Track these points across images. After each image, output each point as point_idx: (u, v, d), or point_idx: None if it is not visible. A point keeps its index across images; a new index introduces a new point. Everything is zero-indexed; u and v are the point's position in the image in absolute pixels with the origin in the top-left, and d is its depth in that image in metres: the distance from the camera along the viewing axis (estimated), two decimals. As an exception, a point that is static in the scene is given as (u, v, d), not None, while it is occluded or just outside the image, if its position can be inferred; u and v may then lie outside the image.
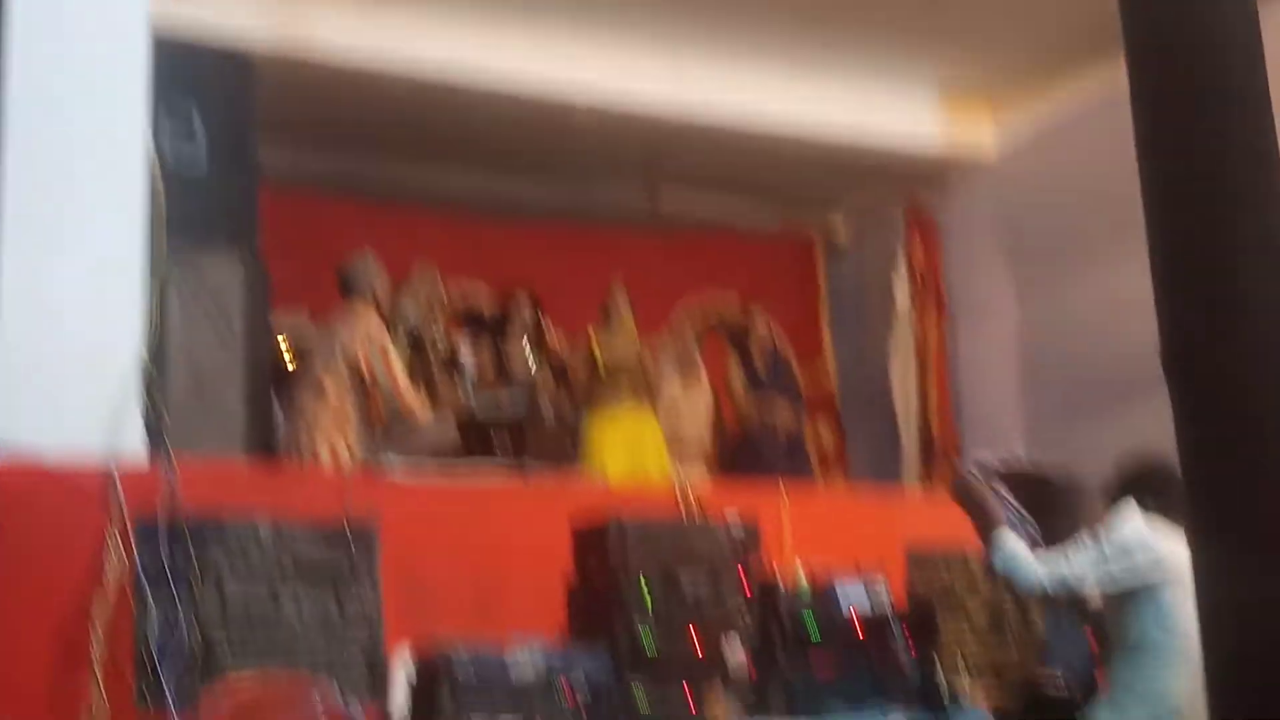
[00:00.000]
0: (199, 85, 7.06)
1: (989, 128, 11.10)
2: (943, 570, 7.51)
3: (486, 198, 11.47)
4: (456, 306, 10.57)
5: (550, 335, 10.09)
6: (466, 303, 10.79)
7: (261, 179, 7.49)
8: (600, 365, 9.33)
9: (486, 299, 10.56)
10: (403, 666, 5.57)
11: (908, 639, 5.50)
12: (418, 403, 7.47)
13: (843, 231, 12.62)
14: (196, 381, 6.76)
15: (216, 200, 7.06)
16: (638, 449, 9.12)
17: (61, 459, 5.78)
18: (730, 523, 5.66)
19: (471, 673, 4.95)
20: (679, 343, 10.23)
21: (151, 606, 5.76)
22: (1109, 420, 8.17)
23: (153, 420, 6.26)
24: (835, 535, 7.05)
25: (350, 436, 7.21)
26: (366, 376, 7.27)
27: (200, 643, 5.82)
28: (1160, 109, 2.69)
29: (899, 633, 5.49)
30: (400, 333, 8.50)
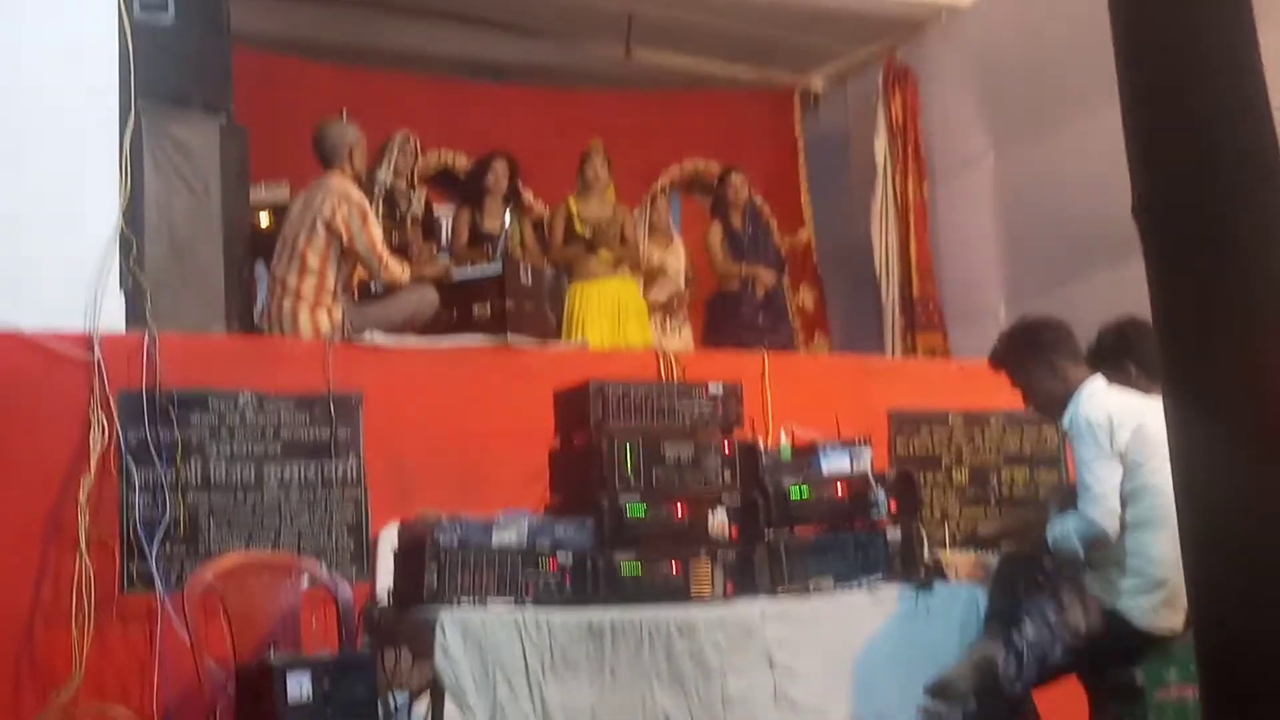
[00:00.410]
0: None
1: (966, -26, 10.99)
2: (925, 433, 7.56)
3: (463, 59, 11.31)
4: (433, 171, 10.49)
5: (528, 199, 10.02)
6: (443, 166, 10.71)
7: (234, 41, 7.38)
8: (579, 229, 9.28)
9: (463, 162, 10.47)
10: (388, 543, 5.59)
11: (890, 505, 5.53)
12: (397, 267, 7.41)
13: (820, 87, 12.51)
14: (175, 248, 6.69)
15: (189, 62, 6.94)
16: (619, 315, 9.10)
17: (41, 329, 5.76)
18: (712, 387, 5.65)
19: (455, 539, 4.96)
20: (652, 210, 10.15)
21: (136, 481, 5.77)
22: (1092, 278, 8.15)
23: (132, 289, 6.23)
24: (817, 399, 7.09)
25: (331, 305, 7.17)
26: (345, 242, 7.21)
27: (185, 518, 5.84)
28: None
29: (882, 499, 5.51)
30: (377, 197, 8.41)
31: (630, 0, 10.34)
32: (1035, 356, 5.37)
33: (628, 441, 5.31)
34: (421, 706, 5.09)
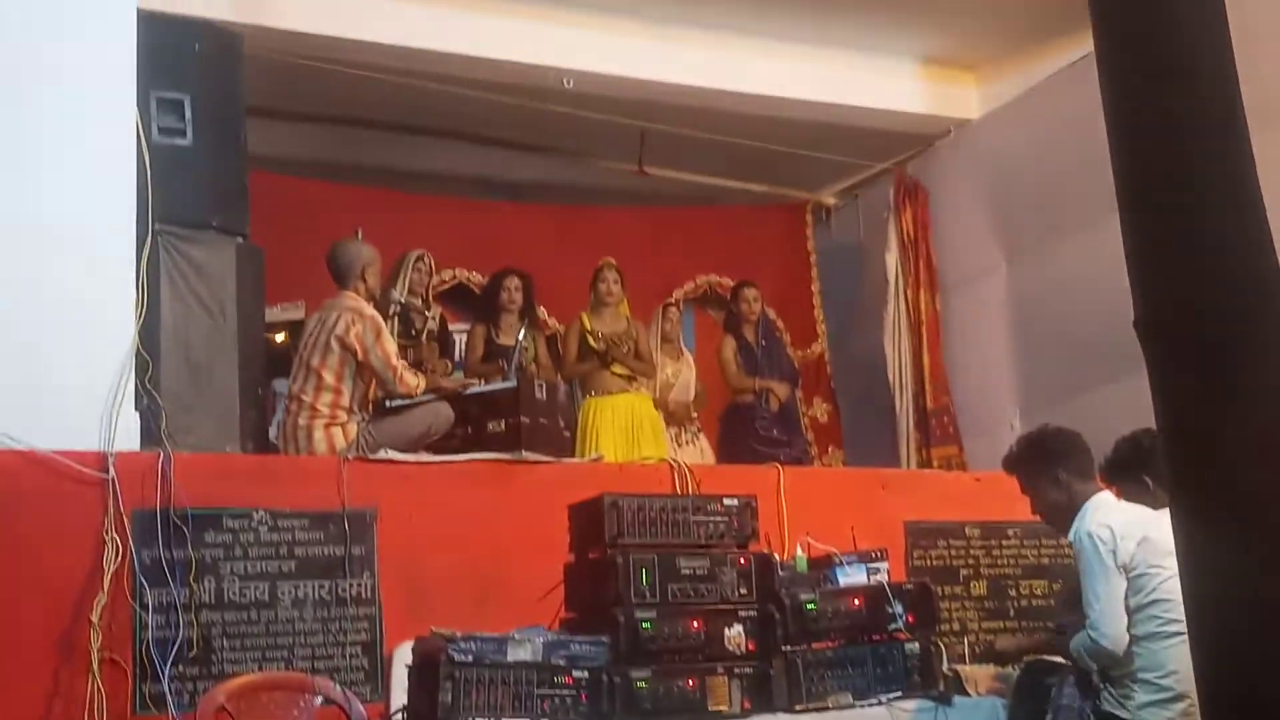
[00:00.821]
0: (187, 67, 7.00)
1: (973, 93, 11.09)
2: (942, 545, 7.52)
3: (476, 178, 11.45)
4: (447, 287, 10.55)
5: (542, 314, 10.07)
6: (458, 284, 10.77)
7: (251, 162, 7.45)
8: (593, 344, 9.31)
9: (479, 279, 10.53)
10: (403, 661, 5.54)
11: (908, 618, 5.49)
12: (412, 379, 7.44)
13: (832, 201, 12.61)
14: (191, 369, 6.72)
15: (207, 185, 7.01)
16: (633, 429, 9.10)
17: (56, 448, 5.76)
18: (727, 500, 5.64)
19: (470, 656, 4.94)
20: (663, 320, 10.20)
21: (149, 600, 5.75)
22: (1106, 389, 8.13)
23: (147, 408, 6.24)
24: (833, 512, 7.05)
25: (346, 421, 7.19)
26: (360, 358, 7.24)
27: (199, 638, 5.81)
28: (1126, 78, 2.69)
29: (899, 612, 5.48)
30: (392, 315, 8.46)
31: (643, 117, 10.44)
32: (1042, 467, 5.37)
33: (643, 555, 5.30)
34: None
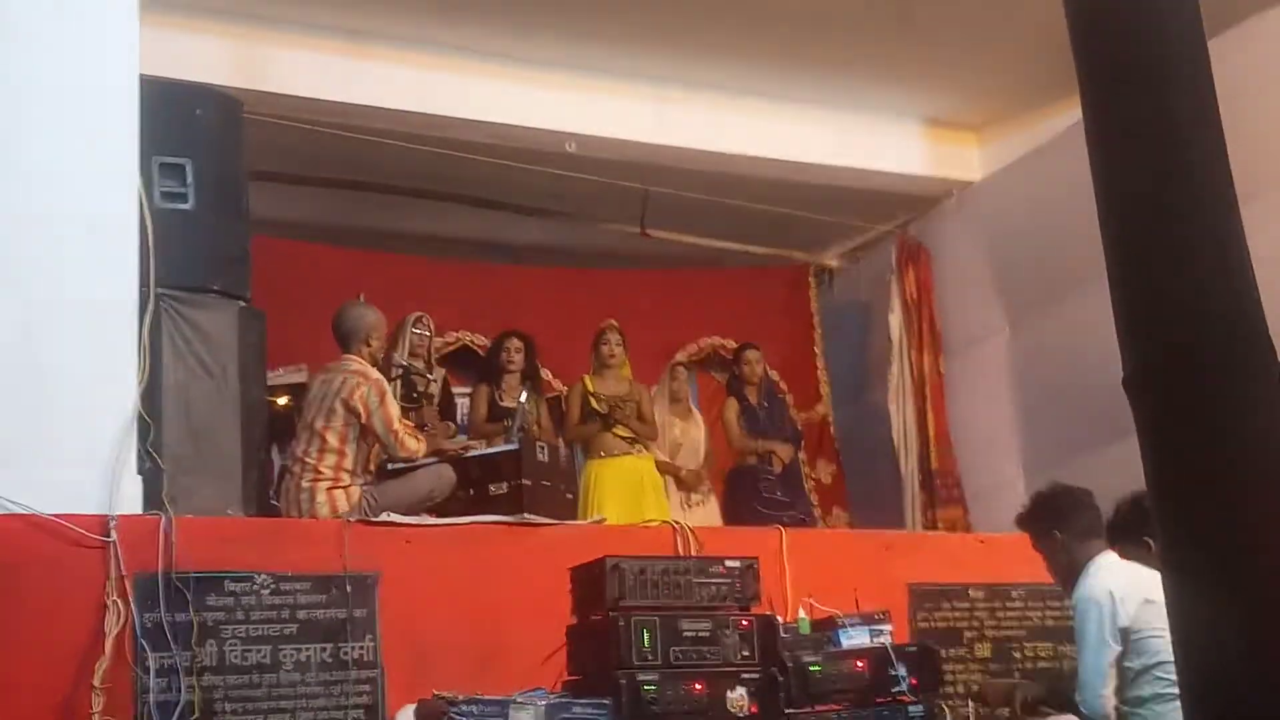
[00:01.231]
0: (189, 132, 7.04)
1: (974, 155, 11.15)
2: (947, 607, 7.48)
3: (479, 241, 11.49)
4: (450, 350, 10.57)
5: (545, 377, 10.08)
6: (461, 345, 10.79)
7: (253, 226, 7.48)
8: (595, 406, 9.32)
9: (482, 342, 10.55)
10: (405, 725, 5.52)
11: (912, 681, 5.46)
12: (414, 443, 7.44)
13: (835, 263, 12.64)
14: (193, 432, 6.72)
15: (208, 248, 7.03)
16: (636, 491, 9.10)
17: (58, 512, 5.76)
18: (729, 562, 5.62)
19: (472, 718, 4.93)
20: (671, 380, 10.21)
21: (151, 665, 5.73)
22: (1109, 450, 8.10)
23: (149, 473, 6.24)
24: (836, 574, 7.03)
25: (349, 484, 7.19)
26: (363, 420, 7.25)
27: (200, 702, 5.78)
28: (1114, 140, 2.71)
29: (903, 674, 5.45)
30: (394, 378, 8.46)
31: (645, 180, 10.48)
32: (1043, 526, 5.36)
33: (645, 618, 5.28)
34: None
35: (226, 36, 8.76)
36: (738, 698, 5.28)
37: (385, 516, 6.78)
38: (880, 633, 5.90)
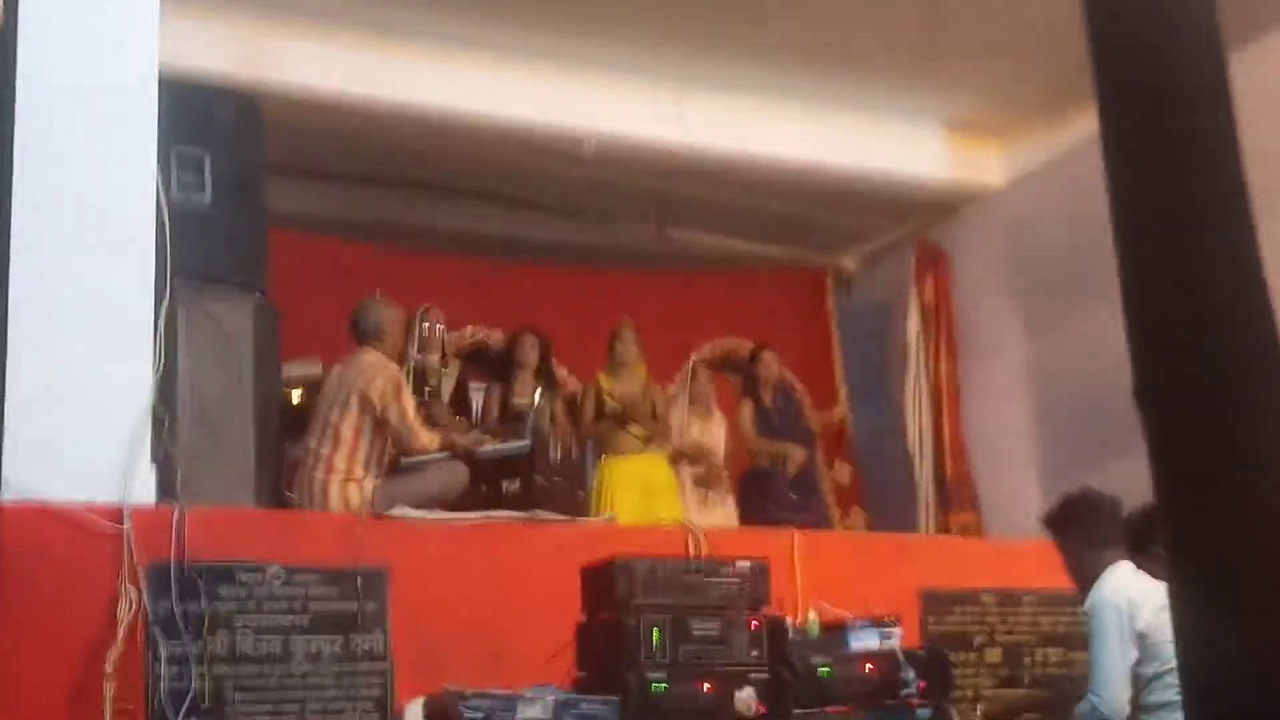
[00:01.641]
0: (207, 127, 7.05)
1: (996, 160, 11.11)
2: (958, 612, 7.48)
3: (496, 238, 11.48)
4: (464, 347, 10.57)
5: (560, 375, 10.08)
6: (475, 343, 10.79)
7: (270, 221, 7.49)
8: (610, 405, 9.32)
9: (497, 339, 10.55)
10: (414, 719, 5.52)
11: (921, 685, 5.46)
12: (427, 436, 7.45)
13: (853, 266, 12.62)
14: (206, 424, 6.73)
15: (224, 241, 7.04)
16: (649, 491, 9.10)
17: (73, 503, 5.78)
18: (740, 564, 5.62)
19: (480, 715, 4.92)
20: (693, 381, 10.22)
21: (163, 653, 5.74)
22: (1124, 459, 8.08)
23: (163, 464, 6.25)
24: (847, 577, 7.02)
25: (363, 479, 7.20)
26: (378, 413, 7.26)
27: (211, 692, 5.79)
28: (1130, 149, 2.71)
29: (912, 678, 5.45)
30: (408, 373, 8.47)
31: (663, 180, 10.47)
32: (1061, 529, 5.35)
33: (654, 618, 5.28)
34: None
35: (246, 29, 8.77)
36: (746, 698, 5.28)
37: (397, 511, 6.79)
38: (890, 636, 5.89)
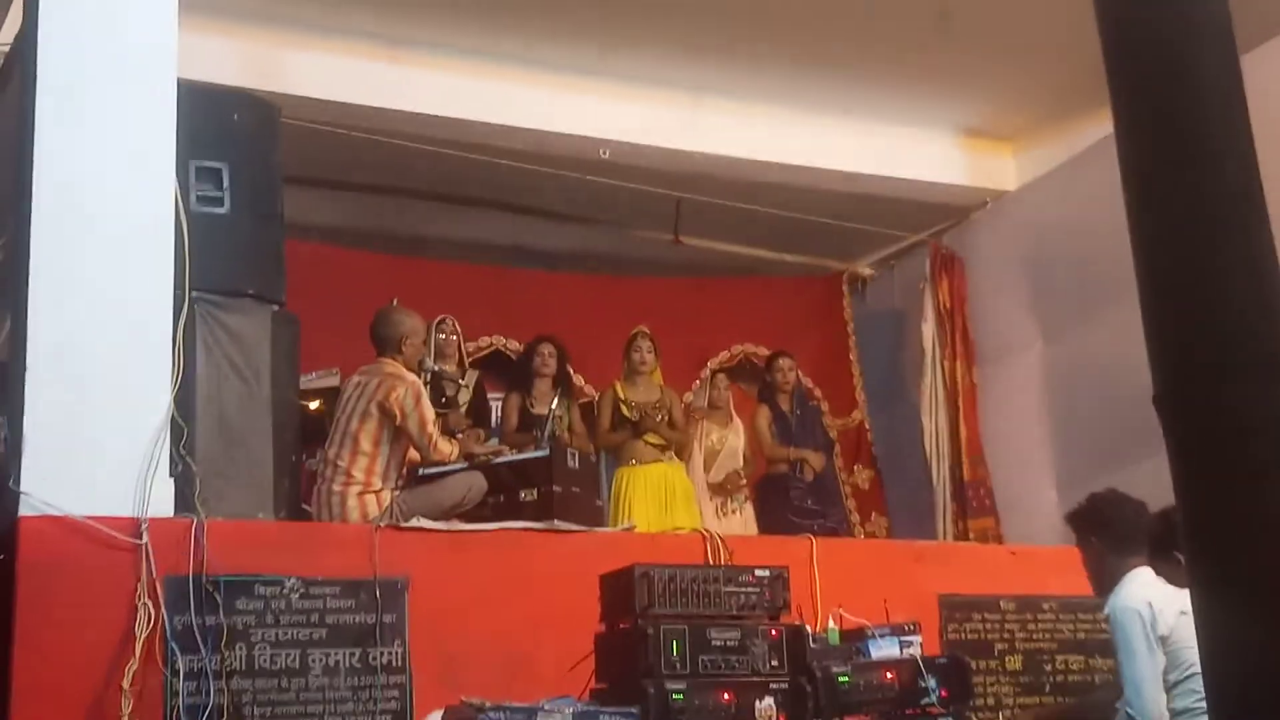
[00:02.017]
0: (225, 136, 7.05)
1: (1010, 165, 11.12)
2: (977, 618, 7.45)
3: (512, 247, 11.51)
4: (484, 354, 10.58)
5: (578, 383, 10.08)
6: (494, 350, 10.80)
7: (287, 230, 7.50)
8: (626, 413, 9.32)
9: (515, 348, 10.57)
10: (433, 732, 5.52)
11: (942, 692, 5.44)
12: (446, 446, 7.46)
13: (868, 272, 12.61)
14: (225, 436, 6.73)
15: (243, 253, 7.04)
16: (666, 499, 9.09)
17: (91, 516, 5.78)
18: (759, 571, 5.61)
19: (500, 725, 4.91)
20: (712, 388, 10.23)
21: (181, 667, 5.74)
22: (1143, 464, 8.05)
23: (181, 476, 6.26)
24: (866, 584, 7.00)
25: (381, 489, 7.20)
26: (398, 422, 7.27)
27: (229, 705, 5.79)
28: (1146, 154, 2.71)
29: (933, 686, 5.42)
30: (425, 383, 8.47)
31: (678, 188, 10.48)
32: (1083, 529, 5.33)
33: (674, 626, 5.26)
34: None
35: (263, 42, 8.80)
36: (766, 707, 5.26)
37: (415, 522, 6.78)
38: (910, 644, 5.88)
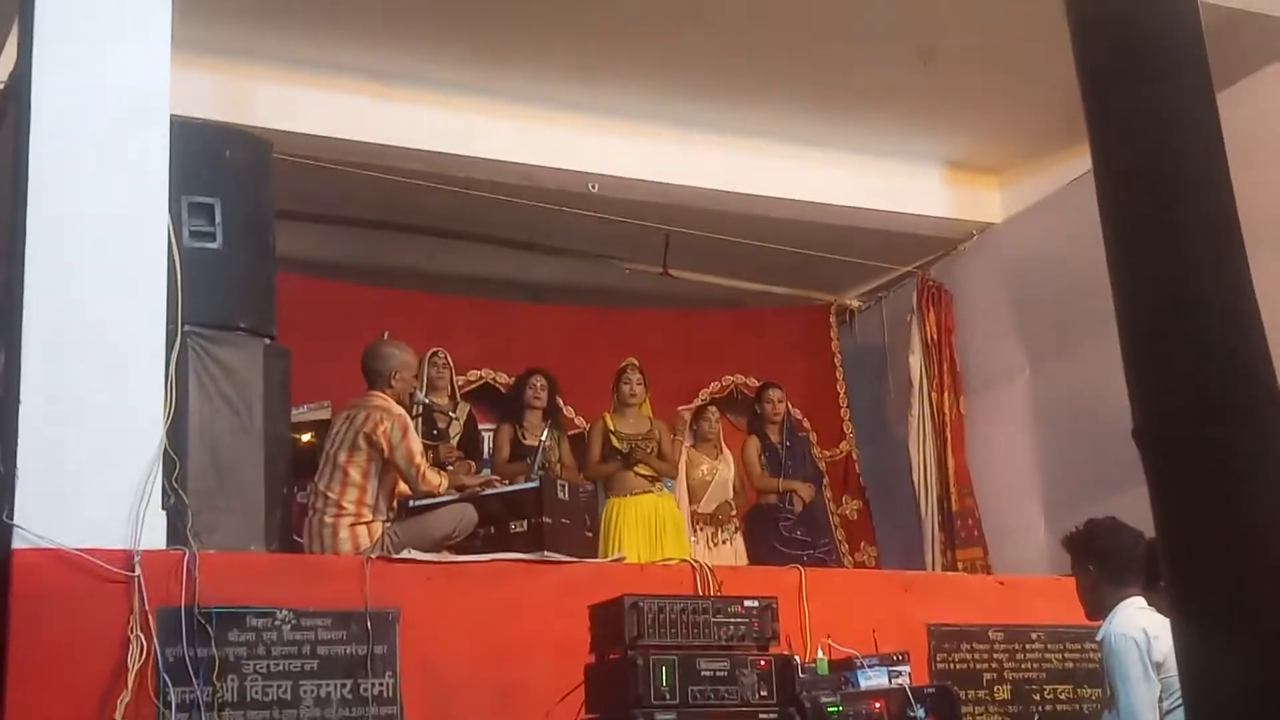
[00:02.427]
0: (218, 172, 7.09)
1: (997, 196, 11.20)
2: (965, 648, 7.47)
3: (502, 280, 11.55)
4: (472, 388, 10.60)
5: (568, 414, 10.11)
6: (484, 383, 10.83)
7: (279, 264, 7.53)
8: (616, 444, 9.35)
9: (505, 380, 10.59)
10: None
11: (930, 724, 5.46)
12: (435, 478, 7.49)
13: (856, 304, 12.66)
14: (217, 469, 6.76)
15: (235, 286, 7.08)
16: (656, 529, 9.12)
17: (83, 548, 5.80)
18: (748, 602, 5.63)
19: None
20: (701, 420, 10.26)
21: (173, 699, 5.75)
22: (1130, 494, 8.10)
23: (174, 508, 6.28)
24: (855, 614, 7.03)
25: (371, 520, 7.22)
26: (386, 454, 7.29)
27: (222, 736, 5.81)
28: (1121, 188, 2.74)
29: (922, 716, 5.45)
30: (415, 415, 8.50)
31: (667, 221, 10.53)
32: (1078, 556, 5.35)
33: (663, 656, 5.29)
34: None
35: (254, 79, 8.86)
36: (761, 738, 5.29)
37: (406, 553, 6.81)
38: (899, 674, 5.90)
